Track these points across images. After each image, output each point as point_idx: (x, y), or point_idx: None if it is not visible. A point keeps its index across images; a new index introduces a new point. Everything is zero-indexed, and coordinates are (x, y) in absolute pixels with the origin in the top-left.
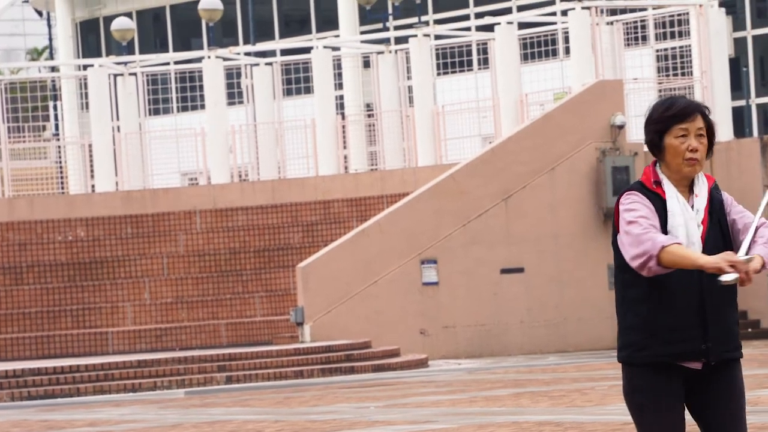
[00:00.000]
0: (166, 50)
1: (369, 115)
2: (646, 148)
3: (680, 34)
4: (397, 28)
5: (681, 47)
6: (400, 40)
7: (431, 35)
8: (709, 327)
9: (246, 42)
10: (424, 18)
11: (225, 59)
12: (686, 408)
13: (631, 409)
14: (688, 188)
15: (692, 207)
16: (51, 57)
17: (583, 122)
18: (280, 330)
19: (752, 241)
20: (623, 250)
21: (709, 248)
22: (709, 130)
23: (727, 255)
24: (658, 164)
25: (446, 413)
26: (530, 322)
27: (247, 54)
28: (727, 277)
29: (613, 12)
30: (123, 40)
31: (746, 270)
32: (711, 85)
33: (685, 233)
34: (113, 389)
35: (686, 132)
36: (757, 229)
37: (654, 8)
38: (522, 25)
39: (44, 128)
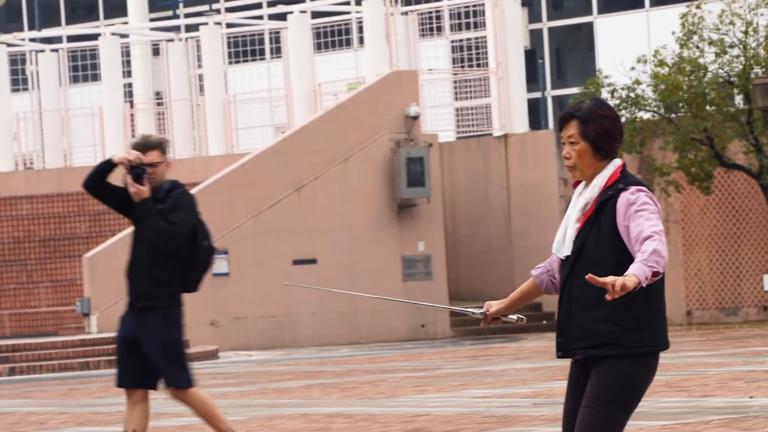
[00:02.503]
0: None
1: (158, 104)
2: (440, 139)
3: (476, 25)
4: (187, 15)
5: (476, 38)
6: (190, 28)
7: (222, 23)
8: (564, 324)
9: (31, 28)
10: (215, 6)
11: (9, 45)
12: None
13: None
14: None
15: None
16: None
17: (377, 113)
18: (66, 321)
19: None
20: None
21: (586, 248)
22: (585, 134)
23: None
24: None
25: (235, 405)
26: (322, 313)
27: (32, 40)
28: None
29: (408, 2)
30: None
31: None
32: (506, 77)
33: (563, 233)
34: None
35: (563, 140)
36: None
37: None
38: (315, 14)
39: None
